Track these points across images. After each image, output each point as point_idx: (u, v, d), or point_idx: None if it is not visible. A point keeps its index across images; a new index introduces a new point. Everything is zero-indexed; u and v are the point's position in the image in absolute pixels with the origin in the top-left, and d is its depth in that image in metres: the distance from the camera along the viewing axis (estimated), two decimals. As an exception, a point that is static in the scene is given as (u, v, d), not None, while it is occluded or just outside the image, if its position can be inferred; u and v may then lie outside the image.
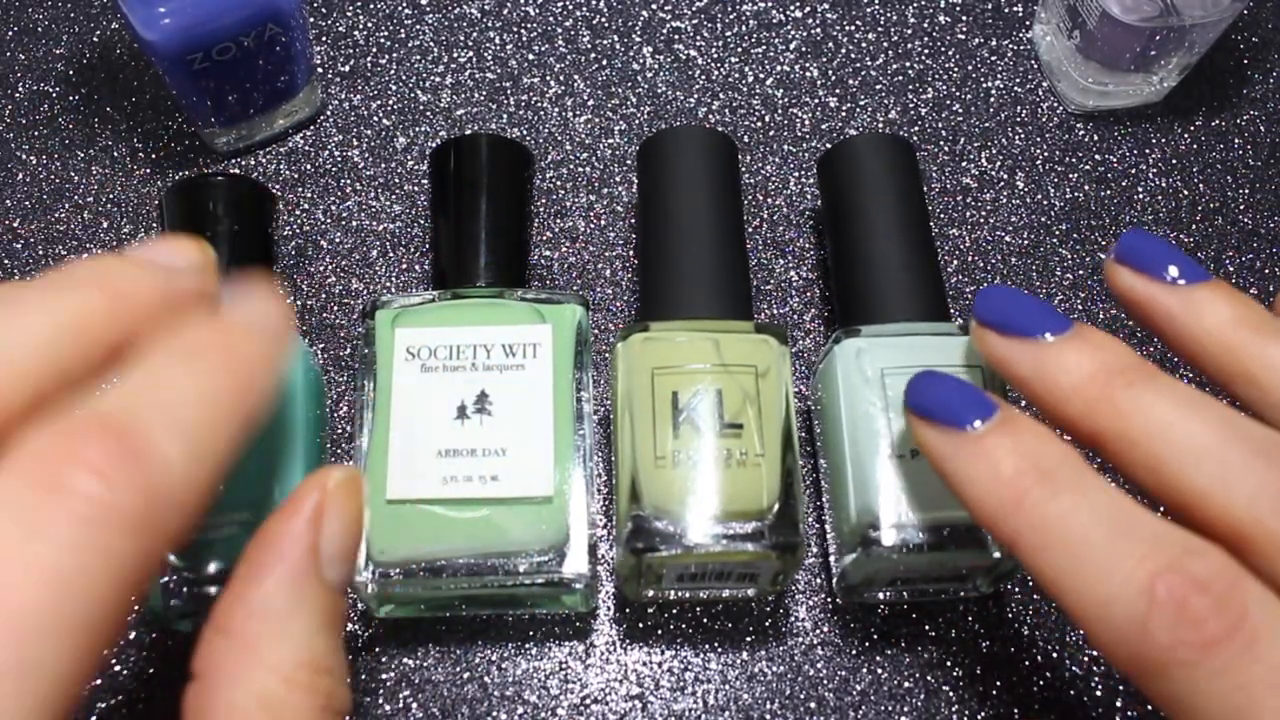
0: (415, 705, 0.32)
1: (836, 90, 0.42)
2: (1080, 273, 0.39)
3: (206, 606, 0.28)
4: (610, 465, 0.34)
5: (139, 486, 0.17)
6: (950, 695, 0.32)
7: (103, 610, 0.17)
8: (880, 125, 0.42)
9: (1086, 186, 0.41)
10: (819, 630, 0.33)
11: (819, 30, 0.44)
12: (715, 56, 0.43)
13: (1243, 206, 0.41)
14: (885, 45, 0.43)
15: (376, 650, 0.32)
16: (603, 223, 0.39)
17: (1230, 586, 0.20)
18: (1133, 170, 0.41)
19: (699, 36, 0.43)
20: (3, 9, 0.43)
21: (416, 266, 0.38)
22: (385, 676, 0.32)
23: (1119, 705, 0.32)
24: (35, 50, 0.42)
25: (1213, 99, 0.43)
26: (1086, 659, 0.33)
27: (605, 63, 0.43)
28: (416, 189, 0.40)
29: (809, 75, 0.43)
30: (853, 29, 0.44)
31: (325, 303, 0.38)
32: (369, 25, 0.43)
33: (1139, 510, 0.22)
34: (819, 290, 0.38)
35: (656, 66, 0.43)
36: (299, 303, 0.37)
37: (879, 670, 0.32)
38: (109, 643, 0.17)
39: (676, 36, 0.43)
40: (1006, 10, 0.44)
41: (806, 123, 0.42)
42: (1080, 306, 0.39)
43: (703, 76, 0.42)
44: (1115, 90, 0.41)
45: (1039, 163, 0.41)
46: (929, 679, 0.32)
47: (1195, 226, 0.40)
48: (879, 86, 0.43)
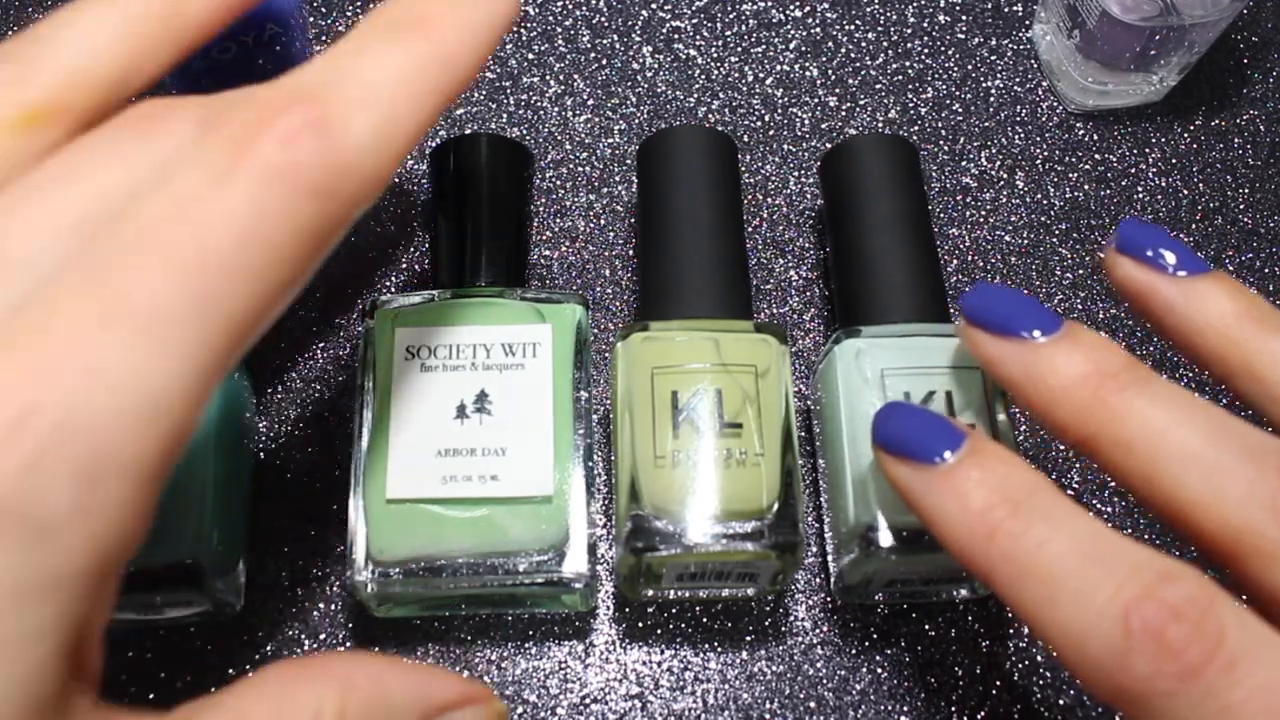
0: (415, 705, 0.32)
1: (836, 90, 0.42)
2: (1080, 272, 0.39)
3: (116, 601, 0.28)
4: (610, 464, 0.34)
5: (324, 154, 0.19)
6: (950, 695, 0.32)
7: (280, 266, 0.19)
8: (880, 125, 0.42)
9: (1086, 186, 0.41)
10: (818, 630, 0.33)
11: (819, 30, 0.44)
12: (715, 56, 0.43)
13: (1243, 206, 0.41)
14: (885, 45, 0.43)
15: (376, 650, 0.32)
16: (603, 223, 0.39)
17: (1205, 611, 0.20)
18: (1132, 170, 0.41)
19: (699, 36, 0.43)
20: (2, 9, 0.43)
21: (416, 266, 0.38)
22: (385, 676, 0.32)
23: (1118, 705, 0.32)
24: (35, 50, 0.42)
25: (1213, 99, 0.43)
26: (1086, 658, 0.33)
27: (605, 62, 0.43)
28: (416, 188, 0.40)
29: (809, 75, 0.43)
30: (853, 29, 0.44)
31: (325, 302, 0.38)
32: (369, 25, 0.43)
33: (1113, 537, 0.22)
34: (819, 290, 0.38)
35: (656, 66, 0.43)
36: (296, 302, 0.37)
37: (879, 670, 0.33)
38: (281, 298, 0.20)
39: (676, 36, 0.43)
40: (1006, 10, 0.44)
41: (806, 122, 0.42)
42: (1080, 306, 0.39)
43: (702, 76, 0.42)
44: (1115, 90, 0.41)
45: (1039, 162, 0.41)
46: (929, 679, 0.32)
47: (1195, 226, 0.40)
48: (879, 86, 0.43)
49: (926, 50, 0.43)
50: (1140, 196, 0.41)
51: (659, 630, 0.33)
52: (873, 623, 0.33)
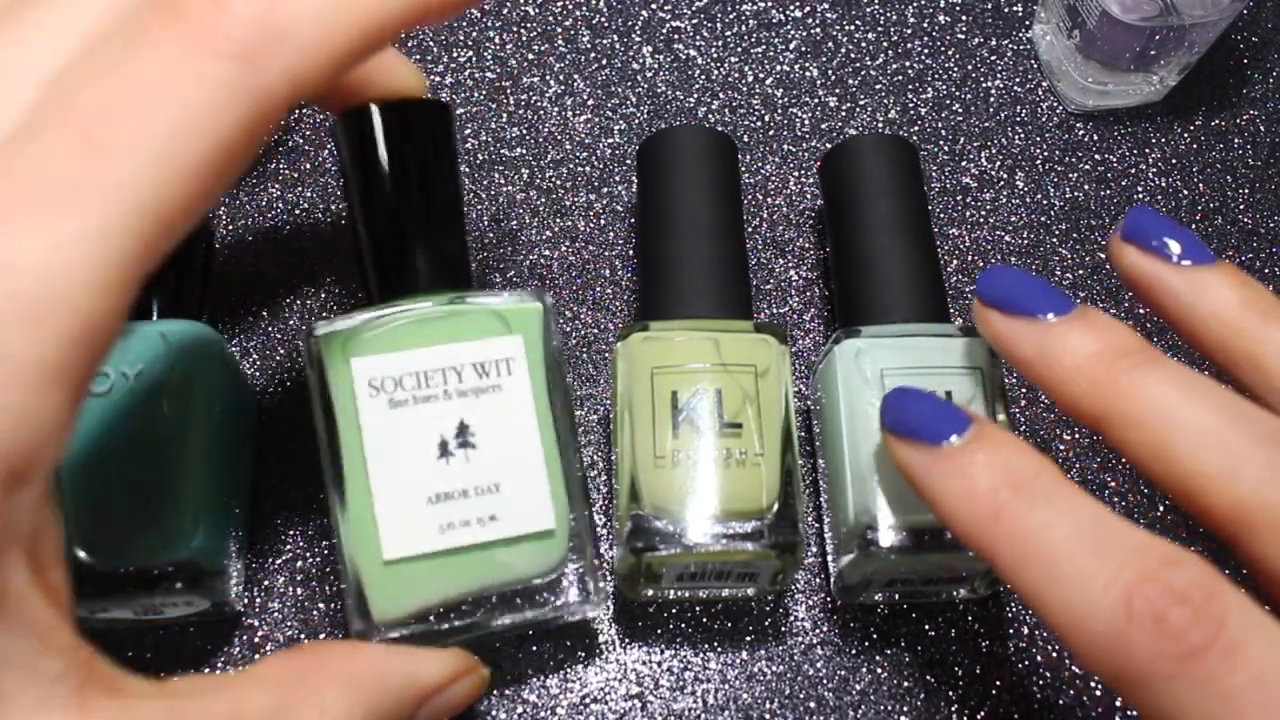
0: (415, 705, 0.32)
1: (836, 90, 0.42)
2: (1080, 272, 0.39)
3: (115, 601, 0.29)
4: (610, 465, 0.34)
5: (256, 12, 0.17)
6: (950, 695, 0.32)
7: (202, 142, 0.17)
8: (880, 125, 0.42)
9: (1086, 186, 0.41)
10: (818, 630, 0.33)
11: (819, 30, 0.44)
12: (715, 56, 0.43)
13: (1243, 206, 0.41)
14: (885, 45, 0.43)
15: (376, 650, 0.32)
16: (603, 223, 0.39)
17: (1208, 596, 0.20)
18: (1132, 170, 0.41)
19: (699, 36, 0.43)
20: (3, 9, 0.43)
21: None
22: (385, 676, 0.32)
23: (1118, 705, 0.32)
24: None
25: (1213, 99, 0.43)
26: (1086, 659, 0.33)
27: (605, 62, 0.43)
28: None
29: (809, 75, 0.43)
30: (853, 29, 0.44)
31: (325, 302, 0.38)
32: (369, 25, 0.43)
33: (1116, 521, 0.22)
34: (819, 290, 0.38)
35: (656, 66, 0.43)
36: (299, 303, 0.37)
37: (878, 670, 0.32)
38: (204, 185, 0.17)
39: (676, 36, 0.43)
40: (1006, 10, 0.44)
41: (806, 122, 0.42)
42: (1080, 306, 0.39)
43: (702, 76, 0.42)
44: (1115, 90, 0.41)
45: (1039, 162, 0.41)
46: (929, 679, 0.32)
47: (1195, 226, 0.40)
48: (879, 86, 0.43)
49: (926, 50, 0.43)
50: (1140, 196, 0.41)
51: (659, 630, 0.33)
52: (873, 623, 0.33)
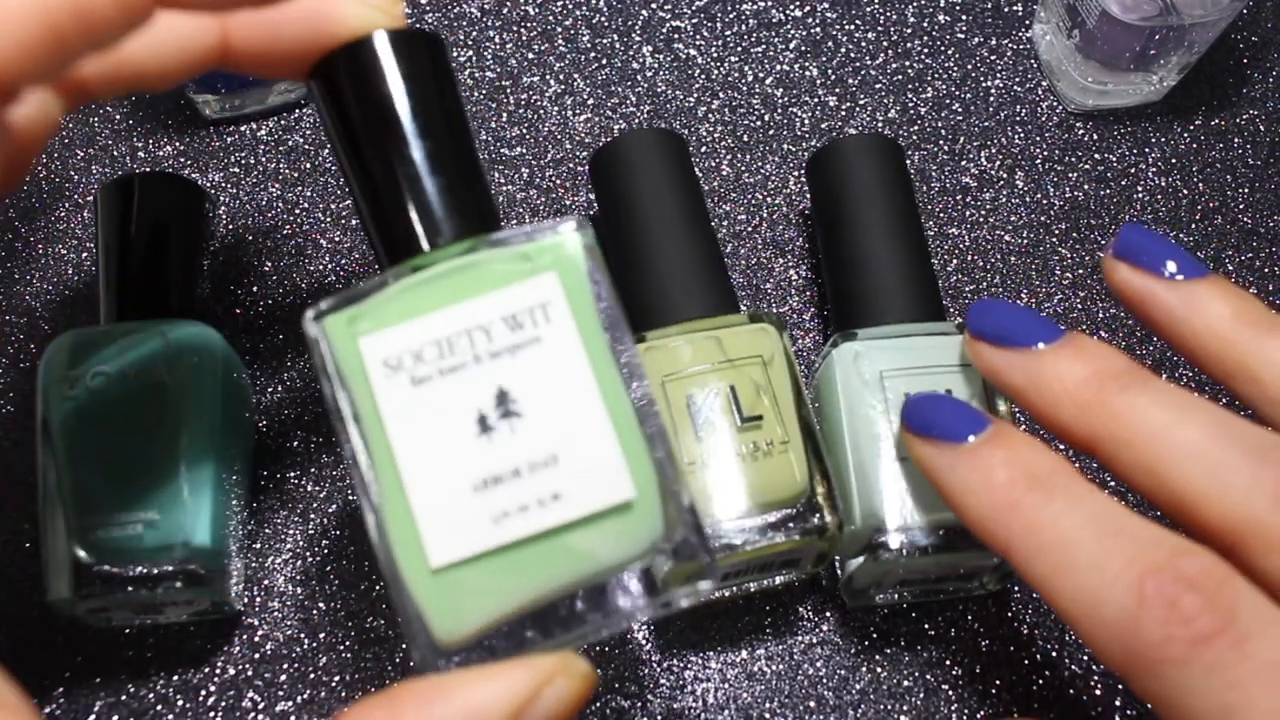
0: (415, 704, 0.32)
1: (836, 90, 0.42)
2: (1080, 272, 0.39)
3: (115, 601, 0.29)
4: None
5: None
6: (949, 694, 0.32)
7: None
8: (880, 124, 0.42)
9: (1086, 186, 0.41)
10: (818, 629, 0.33)
11: (819, 30, 0.44)
12: (715, 56, 0.43)
13: (1242, 206, 0.41)
14: (885, 44, 0.43)
15: (376, 649, 0.32)
16: (602, 222, 0.39)
17: (1220, 585, 0.21)
18: (1132, 170, 0.41)
19: (699, 36, 0.43)
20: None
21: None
22: (388, 678, 0.32)
23: (1118, 704, 0.32)
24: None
25: (1212, 98, 0.43)
26: (1086, 658, 0.33)
27: (605, 62, 0.43)
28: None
29: (809, 74, 0.43)
30: (852, 28, 0.44)
31: (323, 298, 0.38)
32: (369, 24, 0.43)
33: (1129, 514, 0.23)
34: (819, 290, 0.38)
35: (656, 66, 0.43)
36: (298, 302, 0.37)
37: (878, 669, 0.33)
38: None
39: (676, 36, 0.43)
40: (1006, 10, 0.44)
41: (806, 122, 0.42)
42: (1079, 306, 0.39)
43: (702, 76, 0.42)
44: (1115, 89, 0.41)
45: (1038, 162, 0.41)
46: (928, 678, 0.32)
47: (1195, 226, 0.40)
48: (879, 86, 0.43)
49: (926, 50, 0.43)
50: (1140, 196, 0.41)
51: (659, 630, 0.33)
52: (873, 622, 0.33)
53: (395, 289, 0.23)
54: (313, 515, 0.34)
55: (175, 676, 0.32)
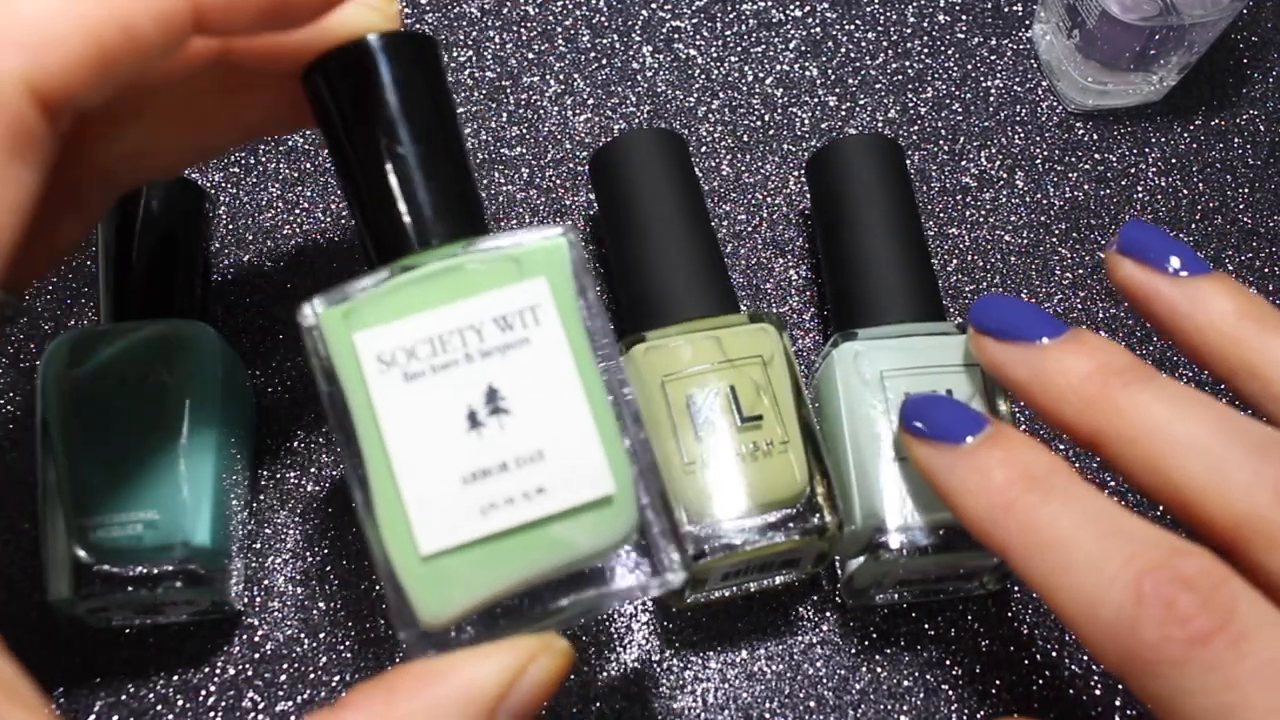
0: (415, 704, 0.32)
1: (836, 89, 0.42)
2: (1080, 272, 0.39)
3: (115, 601, 0.29)
4: None
5: None
6: (949, 694, 0.32)
7: None
8: (880, 124, 0.42)
9: (1086, 186, 0.41)
10: (818, 629, 0.33)
11: (819, 30, 0.44)
12: (715, 56, 0.43)
13: (1242, 206, 0.41)
14: (885, 44, 0.43)
15: (376, 649, 0.32)
16: (602, 222, 0.39)
17: (1217, 585, 0.21)
18: (1132, 170, 0.41)
19: (699, 36, 0.43)
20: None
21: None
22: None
23: (1118, 704, 0.32)
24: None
25: (1212, 98, 0.43)
26: (1086, 658, 0.33)
27: (605, 62, 0.43)
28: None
29: (809, 74, 0.43)
30: (852, 28, 0.44)
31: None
32: (369, 25, 0.43)
33: (1127, 514, 0.23)
34: (819, 290, 0.38)
35: (656, 66, 0.43)
36: (298, 302, 0.37)
37: (878, 669, 0.33)
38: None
39: (676, 36, 0.43)
40: (1006, 10, 0.44)
41: (806, 122, 0.42)
42: (1080, 305, 0.39)
43: (702, 76, 0.42)
44: (1115, 89, 0.41)
45: (1038, 162, 0.41)
46: (928, 678, 0.32)
47: (1195, 226, 0.40)
48: (878, 86, 0.43)
49: (926, 50, 0.43)
50: (1140, 196, 0.41)
51: (659, 630, 0.33)
52: (873, 622, 0.33)
53: (389, 286, 0.24)
54: (313, 515, 0.34)
55: (175, 676, 0.32)
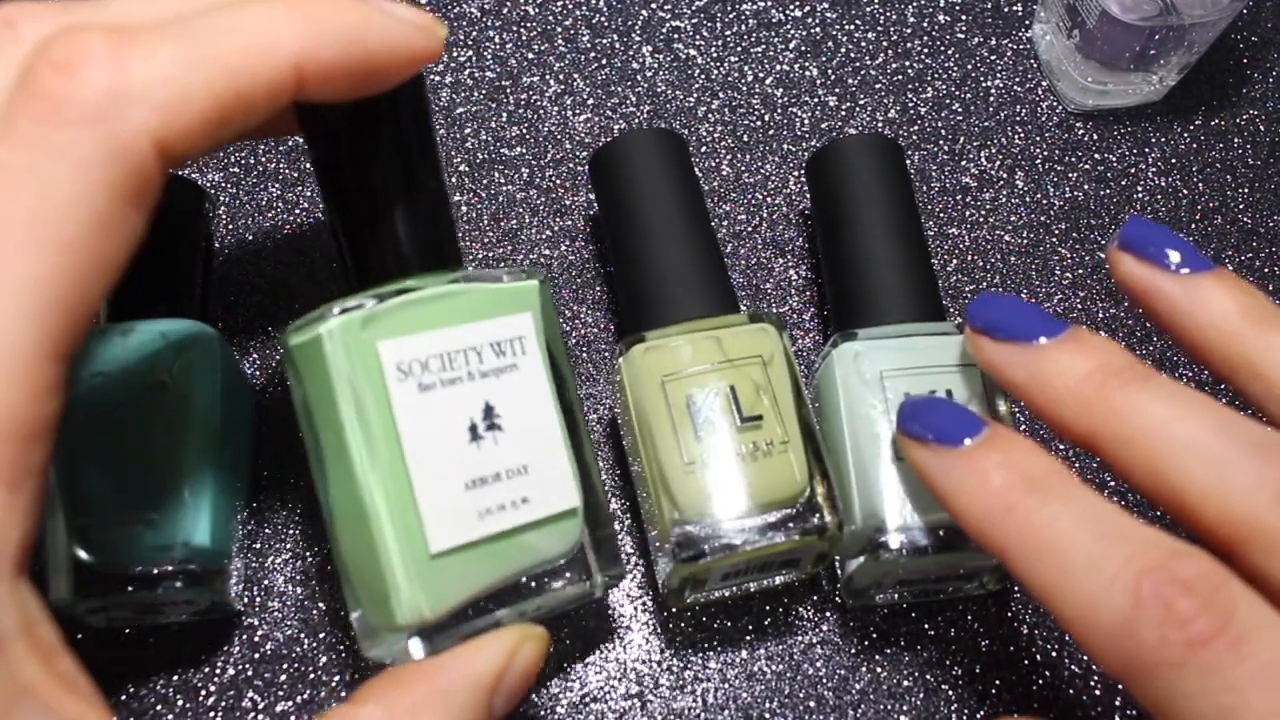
0: (415, 704, 0.32)
1: (836, 89, 0.42)
2: (1080, 272, 0.39)
3: (115, 601, 0.29)
4: (625, 478, 0.34)
5: (108, 83, 0.18)
6: (949, 694, 0.32)
7: (72, 218, 0.17)
8: (880, 124, 0.42)
9: (1086, 186, 0.41)
10: (818, 629, 0.33)
11: (819, 30, 0.44)
12: (715, 56, 0.43)
13: (1242, 206, 0.41)
14: (885, 44, 0.43)
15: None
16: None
17: (1217, 587, 0.20)
18: (1132, 169, 0.41)
19: (698, 36, 0.43)
20: None
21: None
22: (385, 675, 0.32)
23: (1118, 704, 0.32)
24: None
25: (1212, 98, 0.43)
26: (1086, 658, 0.33)
27: (605, 62, 0.43)
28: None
29: (808, 74, 0.43)
30: (852, 28, 0.44)
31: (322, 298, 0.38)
32: (369, 25, 0.43)
33: (1126, 517, 0.22)
34: (819, 290, 0.38)
35: (656, 66, 0.43)
36: (299, 304, 0.37)
37: (878, 669, 0.33)
38: (88, 259, 0.18)
39: (676, 36, 0.43)
40: (1006, 10, 0.44)
41: (806, 122, 0.42)
42: (1080, 305, 0.39)
43: (702, 76, 0.42)
44: (1115, 89, 0.41)
45: (1038, 162, 0.41)
46: (928, 678, 0.32)
47: (1195, 226, 0.40)
48: (878, 86, 0.43)
49: (926, 50, 0.43)
50: (1140, 196, 0.41)
51: (659, 630, 0.33)
52: (873, 622, 0.33)
53: (409, 303, 0.26)
54: (313, 515, 0.34)
55: (175, 676, 0.32)
